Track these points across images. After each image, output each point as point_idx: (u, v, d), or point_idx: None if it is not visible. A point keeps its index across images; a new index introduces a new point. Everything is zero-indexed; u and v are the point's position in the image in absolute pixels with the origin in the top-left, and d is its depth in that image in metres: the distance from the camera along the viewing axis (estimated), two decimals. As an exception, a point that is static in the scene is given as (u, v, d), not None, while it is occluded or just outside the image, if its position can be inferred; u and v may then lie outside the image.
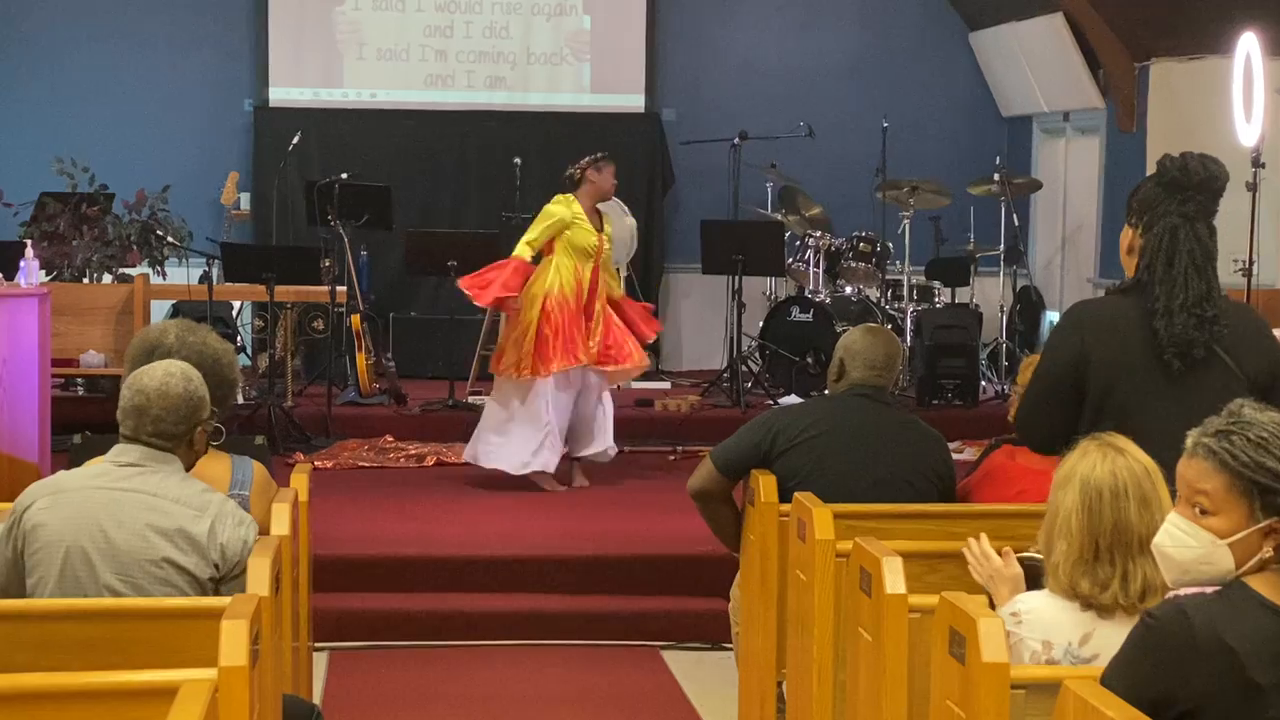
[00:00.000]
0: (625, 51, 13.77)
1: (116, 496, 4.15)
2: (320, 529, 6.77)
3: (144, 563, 4.09)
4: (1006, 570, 4.10)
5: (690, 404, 11.28)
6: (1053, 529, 3.77)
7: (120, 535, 4.10)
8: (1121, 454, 3.75)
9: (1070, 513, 3.73)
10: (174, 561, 4.11)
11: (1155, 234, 4.55)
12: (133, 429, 4.24)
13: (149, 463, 4.22)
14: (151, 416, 4.24)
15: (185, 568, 4.12)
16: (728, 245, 11.53)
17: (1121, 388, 4.49)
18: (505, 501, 9.10)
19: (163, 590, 4.09)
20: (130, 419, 4.24)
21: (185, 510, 4.16)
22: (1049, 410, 4.63)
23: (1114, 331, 4.54)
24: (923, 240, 12.84)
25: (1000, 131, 14.03)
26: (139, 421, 4.24)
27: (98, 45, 13.37)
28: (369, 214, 11.53)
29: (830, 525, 4.80)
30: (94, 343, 10.34)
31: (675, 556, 7.87)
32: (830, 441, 5.53)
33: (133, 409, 4.24)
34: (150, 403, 4.24)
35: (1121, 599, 3.67)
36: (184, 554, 4.12)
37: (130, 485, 4.17)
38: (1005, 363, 12.16)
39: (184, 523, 4.14)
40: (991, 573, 4.12)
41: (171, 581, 4.10)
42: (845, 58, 13.98)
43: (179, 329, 4.79)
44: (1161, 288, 4.52)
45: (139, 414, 4.23)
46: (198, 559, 4.13)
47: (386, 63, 13.68)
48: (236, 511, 4.25)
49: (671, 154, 13.70)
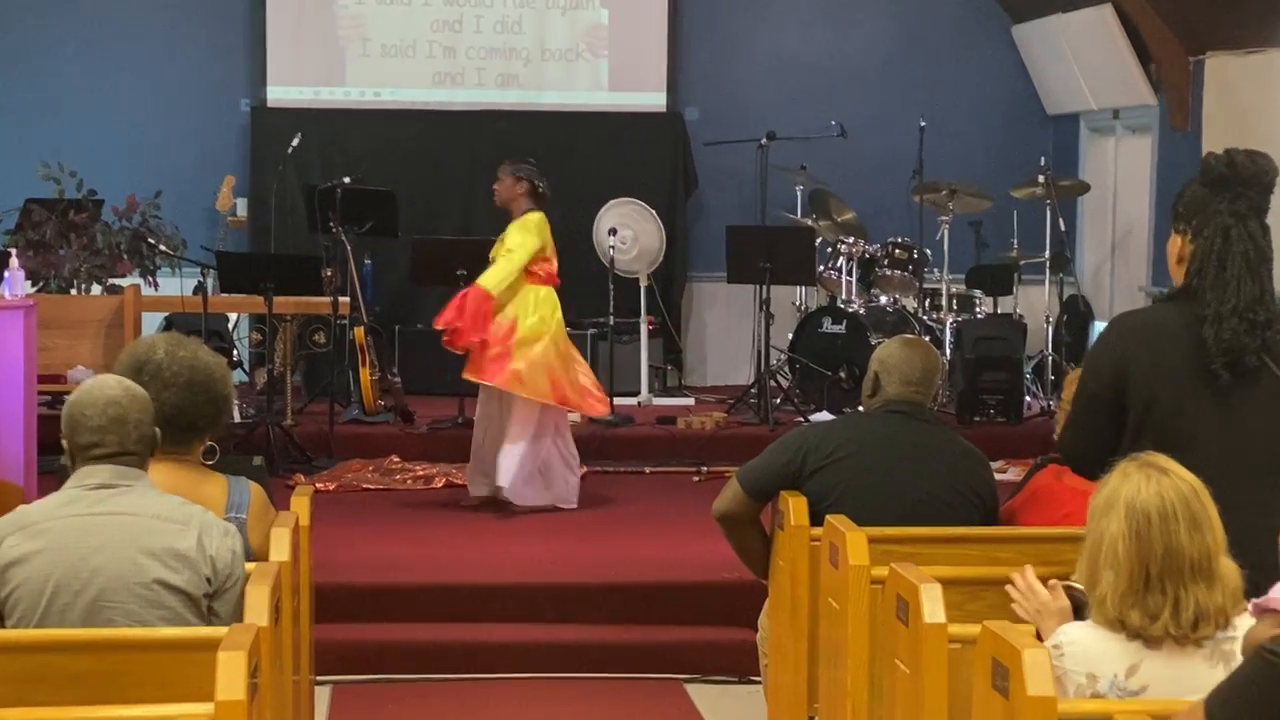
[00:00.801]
0: (645, 47, 13.79)
1: (95, 522, 4.15)
2: (322, 555, 6.77)
3: (134, 586, 4.10)
4: (1054, 604, 4.08)
5: (715, 422, 11.29)
6: (1097, 559, 3.76)
7: (104, 561, 4.10)
8: (1165, 474, 3.74)
9: (1116, 540, 3.71)
10: (165, 582, 4.12)
11: (1206, 237, 4.53)
12: (117, 443, 4.25)
13: (119, 481, 4.23)
14: (133, 421, 4.26)
15: (177, 586, 4.13)
16: (755, 252, 11.53)
17: (1164, 402, 4.46)
18: (519, 525, 9.11)
19: (156, 614, 4.10)
20: (112, 433, 4.24)
21: (169, 526, 4.18)
22: (1091, 429, 4.60)
23: (1156, 341, 4.52)
24: (963, 246, 12.83)
25: (1045, 130, 14.02)
26: (123, 433, 4.25)
27: (84, 43, 13.41)
28: (373, 220, 11.55)
29: (864, 550, 4.80)
30: (83, 358, 10.37)
31: (700, 584, 7.87)
32: (864, 461, 5.53)
33: (112, 421, 4.25)
34: (126, 411, 4.26)
35: (1172, 629, 3.66)
36: (175, 572, 4.13)
37: (106, 508, 4.18)
38: (1051, 377, 12.15)
39: (170, 539, 4.15)
40: (1038, 607, 4.11)
41: (164, 604, 4.11)
42: (880, 52, 13.98)
43: (168, 343, 4.81)
44: (1213, 293, 4.48)
45: (121, 424, 4.25)
46: (190, 574, 4.14)
47: (391, 59, 13.71)
48: (218, 522, 4.28)
49: (695, 156, 13.70)
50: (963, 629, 4.08)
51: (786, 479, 5.60)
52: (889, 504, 5.43)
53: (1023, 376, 11.72)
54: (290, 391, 11.44)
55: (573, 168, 13.33)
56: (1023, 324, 12.16)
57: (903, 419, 5.65)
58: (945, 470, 5.56)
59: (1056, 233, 12.35)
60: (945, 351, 11.78)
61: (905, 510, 5.41)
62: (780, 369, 12.13)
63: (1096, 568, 3.75)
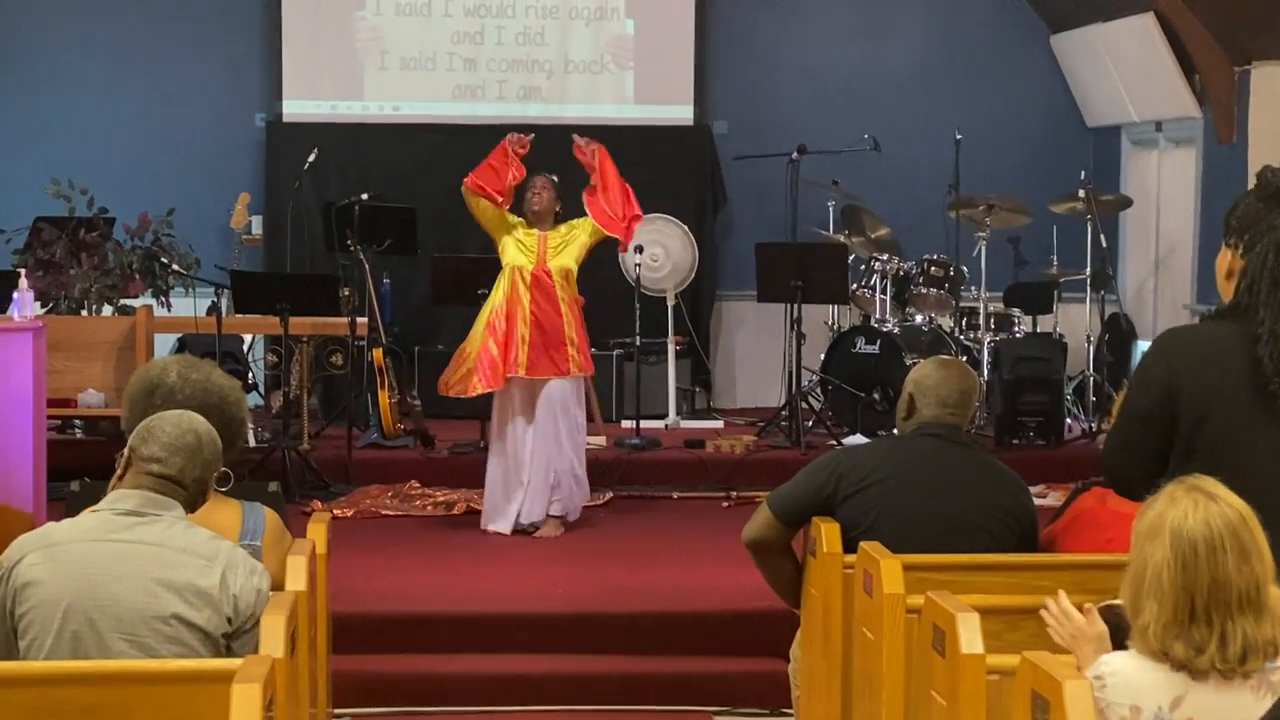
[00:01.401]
0: (672, 58, 13.80)
1: (118, 549, 4.16)
2: (340, 584, 6.78)
3: (151, 620, 4.10)
4: (1090, 629, 4.07)
5: (745, 445, 11.28)
6: (1140, 586, 3.74)
7: (123, 591, 4.11)
8: (1214, 500, 3.72)
9: (1161, 568, 3.69)
10: (184, 618, 4.12)
11: (1259, 252, 4.51)
12: (179, 468, 4.30)
13: (150, 509, 4.24)
14: (203, 460, 4.34)
15: (197, 624, 4.13)
16: (786, 270, 11.52)
17: (1215, 423, 4.44)
18: (542, 552, 9.11)
19: (172, 650, 4.10)
20: (179, 457, 4.31)
21: (194, 560, 4.18)
22: (1137, 451, 4.58)
23: (1208, 360, 4.49)
24: (1001, 263, 12.82)
25: (1085, 143, 14.00)
26: (188, 462, 4.32)
27: (96, 57, 13.46)
28: (392, 238, 11.57)
29: (899, 577, 4.79)
30: (93, 381, 10.40)
31: (729, 613, 7.86)
32: (899, 486, 5.52)
33: (186, 448, 4.33)
34: (201, 446, 4.34)
35: (1219, 662, 3.64)
36: (195, 609, 4.14)
37: (132, 536, 4.18)
38: (1093, 398, 12.12)
39: (193, 575, 4.16)
40: (1074, 632, 4.09)
41: (182, 640, 4.11)
42: (914, 63, 13.98)
43: (180, 366, 4.82)
44: (1266, 310, 4.46)
45: (192, 455, 4.33)
46: (210, 613, 4.15)
47: (410, 73, 13.74)
48: (247, 560, 4.27)
49: (723, 170, 13.71)
50: (1001, 660, 4.06)
51: (819, 504, 5.59)
52: (925, 530, 5.41)
53: (1063, 398, 11.69)
54: (307, 415, 11.44)
55: (597, 183, 13.34)
56: (1063, 343, 12.14)
57: (939, 442, 5.64)
58: (983, 495, 5.54)
59: (1098, 249, 12.33)
60: (983, 372, 11.76)
61: (941, 536, 5.40)
62: (812, 390, 12.12)
63: (1140, 596, 3.73)
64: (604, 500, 10.40)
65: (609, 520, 9.82)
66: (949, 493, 5.53)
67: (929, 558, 5.09)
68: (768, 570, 5.88)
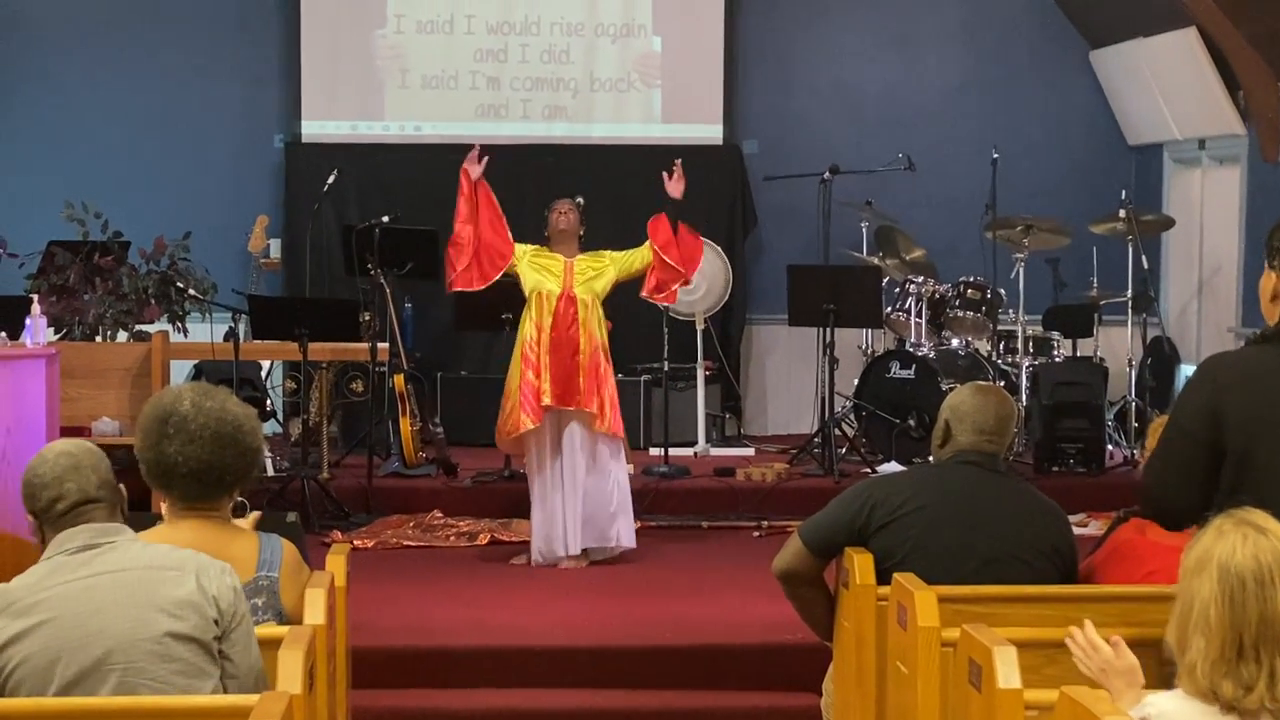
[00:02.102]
0: (700, 76, 13.83)
1: (88, 584, 4.16)
2: (360, 617, 6.79)
3: (142, 643, 4.10)
4: (1119, 662, 4.06)
5: (777, 473, 11.27)
6: (1187, 623, 3.73)
7: (109, 623, 4.11)
8: (1263, 534, 3.71)
9: (1208, 604, 3.68)
10: (174, 633, 4.12)
11: (1303, 273, 4.52)
12: (78, 490, 4.35)
13: (101, 539, 4.26)
14: (88, 466, 4.39)
15: (186, 634, 4.13)
16: (818, 293, 11.53)
17: (1262, 451, 4.43)
18: (568, 584, 9.11)
19: (169, 668, 4.09)
20: (70, 480, 4.36)
21: (165, 574, 4.20)
22: (1180, 480, 4.56)
23: (1253, 386, 4.48)
24: (1039, 286, 12.80)
25: (1126, 162, 13.99)
26: (81, 479, 4.37)
27: (110, 77, 13.53)
28: (414, 261, 11.59)
29: (935, 610, 4.79)
30: (108, 408, 10.43)
31: (760, 646, 7.85)
32: (934, 515, 5.52)
33: (66, 470, 4.39)
34: (78, 459, 4.39)
35: (1268, 701, 3.62)
36: (182, 620, 4.14)
37: (96, 568, 4.19)
38: (1135, 424, 12.09)
39: (169, 588, 4.16)
40: (1102, 665, 4.08)
41: (176, 655, 4.11)
42: (950, 80, 13.99)
43: (194, 394, 4.83)
44: (1313, 333, 4.48)
45: (76, 471, 4.39)
46: (197, 619, 4.16)
47: (432, 91, 13.79)
48: (213, 562, 4.30)
49: (753, 191, 13.73)
50: (1040, 695, 4.06)
51: (852, 534, 5.59)
52: (961, 562, 5.41)
53: (1104, 424, 11.67)
54: (326, 443, 11.47)
55: (624, 204, 13.32)
56: (1104, 368, 12.11)
57: (975, 470, 5.63)
58: (1020, 525, 5.54)
59: (1139, 270, 12.31)
60: (1021, 397, 11.75)
61: (978, 568, 5.39)
62: (845, 417, 12.11)
63: (1186, 632, 3.71)
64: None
65: (636, 551, 9.81)
66: (986, 523, 5.52)
67: (965, 589, 5.09)
68: (799, 602, 5.88)
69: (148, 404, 4.88)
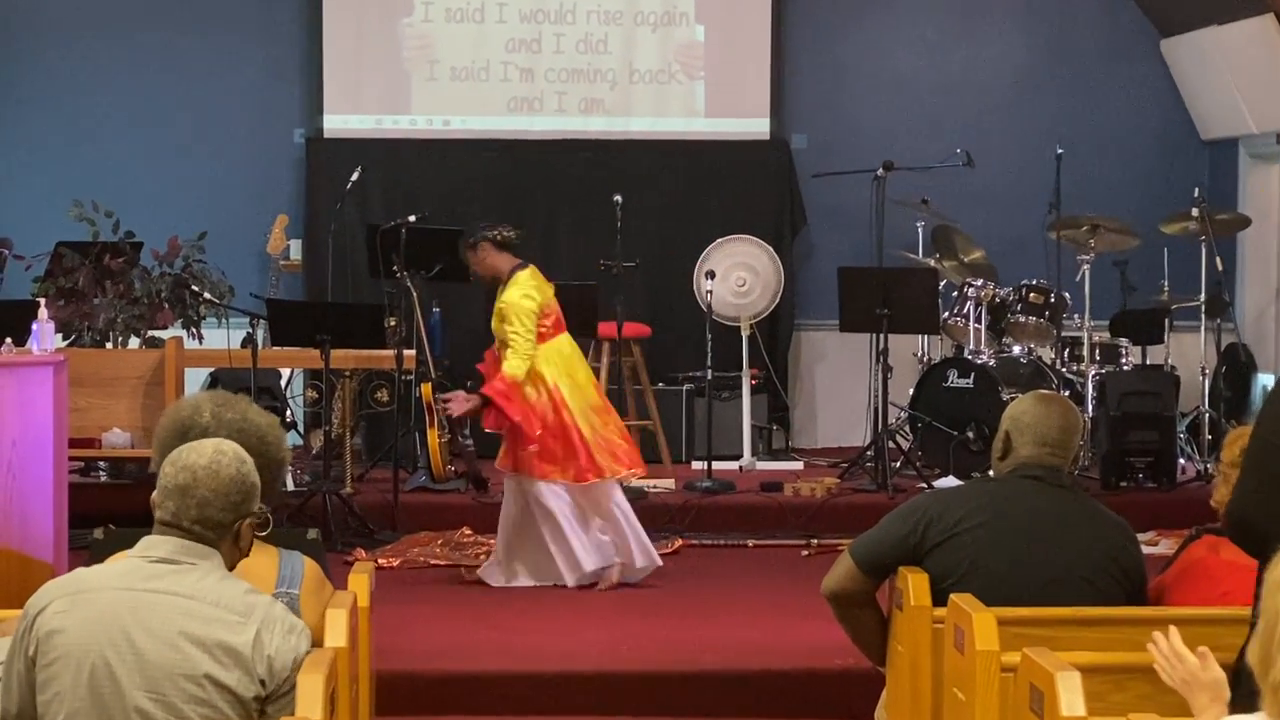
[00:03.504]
0: (746, 67, 13.83)
1: (146, 599, 4.18)
2: (384, 640, 6.80)
3: (178, 678, 4.12)
4: (1204, 675, 4.05)
5: (827, 488, 11.27)
6: (1271, 641, 3.72)
7: (151, 645, 4.13)
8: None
9: (1293, 622, 3.68)
10: (215, 679, 4.13)
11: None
12: (173, 513, 4.29)
13: (185, 558, 4.26)
14: (197, 499, 4.29)
15: (227, 685, 4.14)
16: (871, 297, 11.54)
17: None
18: (603, 606, 9.11)
19: (199, 712, 4.11)
20: (171, 500, 4.29)
21: (226, 615, 4.19)
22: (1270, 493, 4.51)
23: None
24: (1106, 289, 12.77)
25: (1199, 157, 13.96)
26: (181, 504, 4.29)
27: (122, 69, 13.56)
28: (442, 263, 11.60)
29: (994, 633, 4.79)
30: (119, 419, 10.47)
31: (808, 671, 7.85)
32: (994, 533, 5.52)
33: (175, 488, 4.30)
34: (197, 482, 4.30)
35: (1354, 722, 3.62)
36: (225, 669, 4.15)
37: (162, 586, 4.21)
38: (1208, 436, 12.06)
39: (224, 632, 4.17)
40: (1186, 677, 4.08)
41: (210, 702, 4.13)
42: (1011, 71, 13.97)
43: (214, 403, 4.86)
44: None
45: (182, 494, 4.29)
46: (240, 674, 4.16)
47: (462, 84, 13.81)
48: (287, 617, 4.28)
49: (802, 188, 13.72)
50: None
51: (906, 553, 5.59)
52: (1022, 582, 5.41)
53: (1175, 436, 11.64)
54: (350, 456, 11.49)
55: (664, 202, 13.40)
56: (1175, 376, 12.09)
57: (1038, 485, 5.63)
58: (1086, 543, 5.53)
59: (1213, 273, 12.28)
60: (1087, 408, 11.72)
61: (1040, 590, 5.39)
62: (900, 428, 12.11)
63: (1270, 651, 3.70)
64: (672, 548, 10.40)
65: (677, 571, 9.81)
66: (1049, 541, 5.52)
67: (1026, 611, 5.09)
68: (850, 625, 5.88)
69: (165, 415, 4.91)
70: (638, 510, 10.02)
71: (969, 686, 4.85)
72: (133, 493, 10.65)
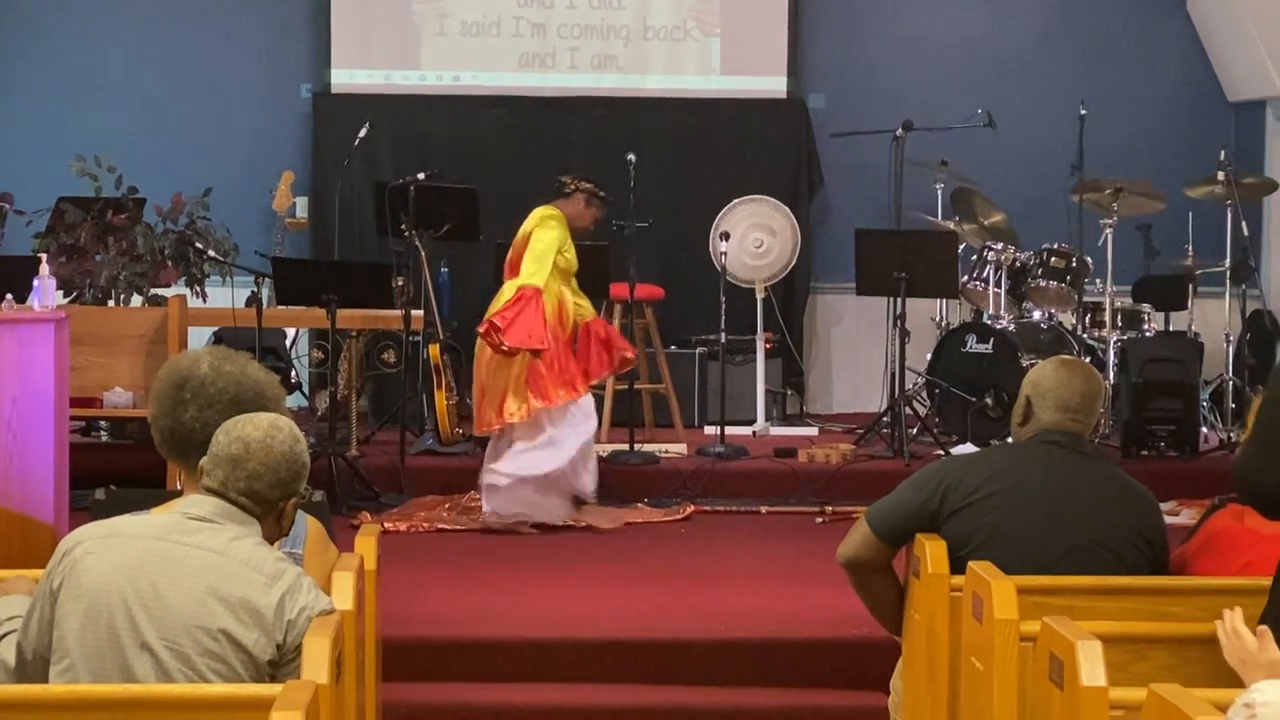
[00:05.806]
0: (763, 24, 13.80)
1: (178, 550, 4.23)
2: (391, 604, 6.81)
3: (195, 630, 4.15)
4: (1261, 655, 4.05)
5: (842, 454, 11.27)
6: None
7: (175, 596, 4.17)
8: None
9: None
10: (232, 636, 4.16)
11: None
12: (221, 481, 4.35)
13: (224, 519, 4.30)
14: (247, 471, 4.34)
15: (244, 644, 4.17)
16: (888, 260, 11.52)
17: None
18: (616, 572, 9.12)
19: (211, 667, 4.14)
20: (221, 469, 4.36)
21: (254, 576, 4.22)
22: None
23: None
24: (1129, 254, 12.77)
25: (1225, 120, 13.92)
26: (231, 474, 4.35)
27: (124, 21, 13.55)
28: (451, 222, 11.60)
29: (1013, 602, 4.79)
30: (120, 378, 10.47)
31: (822, 640, 7.85)
32: (1013, 500, 5.52)
33: (227, 458, 4.37)
34: (249, 454, 4.36)
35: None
36: (245, 627, 4.17)
37: (195, 541, 4.25)
38: (1232, 405, 12.05)
39: (250, 591, 4.20)
40: (1243, 656, 4.08)
41: (224, 658, 4.15)
42: (1034, 30, 13.93)
43: (213, 357, 4.86)
44: None
45: (233, 465, 4.35)
46: (259, 635, 4.18)
47: (472, 39, 13.79)
48: (312, 589, 4.31)
49: (819, 148, 13.70)
50: (1127, 693, 4.05)
51: (923, 520, 5.59)
52: (1042, 550, 5.41)
53: (1198, 404, 11.62)
54: (355, 418, 11.51)
55: (679, 162, 13.37)
56: (1199, 343, 12.07)
57: (1058, 451, 5.63)
58: (1107, 511, 5.53)
59: (1239, 238, 12.26)
60: (1108, 375, 11.71)
61: (1060, 556, 5.40)
62: (917, 394, 12.10)
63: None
64: (684, 515, 10.41)
65: (689, 537, 9.82)
66: (1069, 509, 5.52)
67: (1045, 580, 5.09)
68: (866, 593, 5.88)
69: (163, 368, 4.92)
70: (650, 475, 10.07)
71: (987, 656, 4.85)
72: (134, 453, 10.68)
